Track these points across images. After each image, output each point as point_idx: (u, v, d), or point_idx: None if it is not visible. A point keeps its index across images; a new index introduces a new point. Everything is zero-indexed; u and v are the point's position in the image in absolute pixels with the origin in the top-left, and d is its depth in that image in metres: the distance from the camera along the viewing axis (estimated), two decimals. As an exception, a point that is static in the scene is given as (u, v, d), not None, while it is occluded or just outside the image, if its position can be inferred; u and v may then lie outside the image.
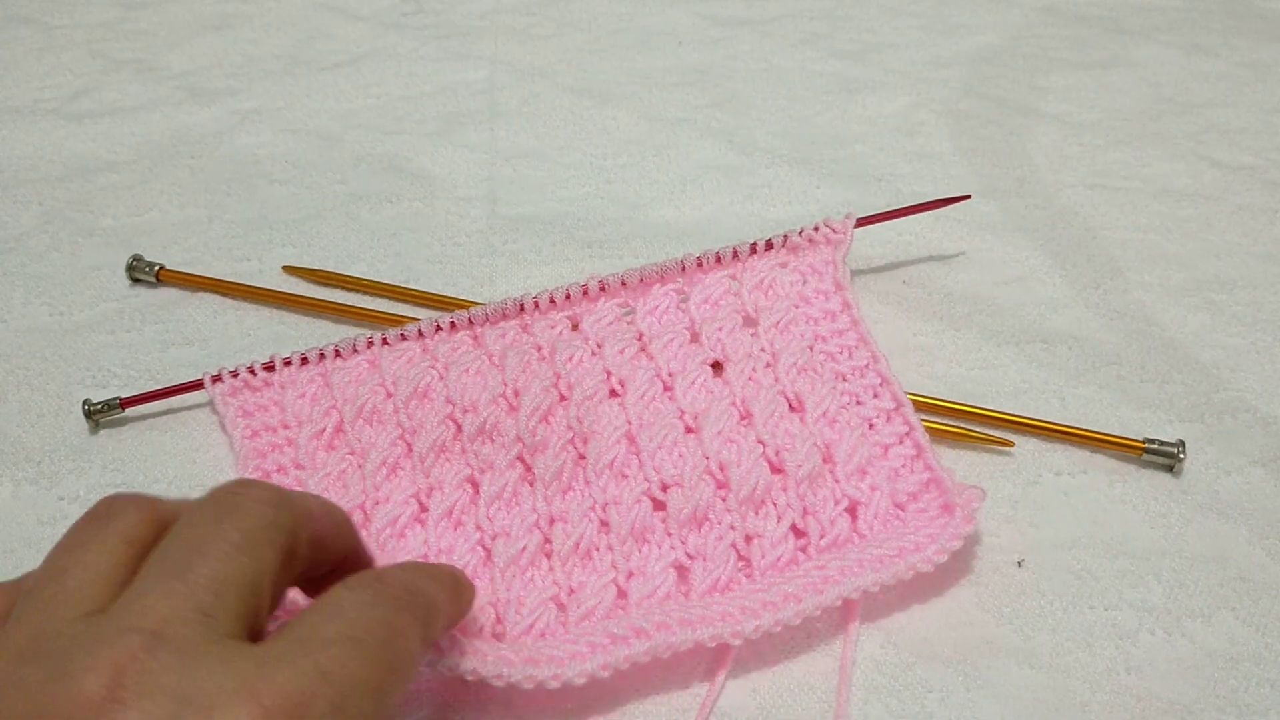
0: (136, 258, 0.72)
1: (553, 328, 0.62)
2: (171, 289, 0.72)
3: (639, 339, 0.62)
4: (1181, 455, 0.59)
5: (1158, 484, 0.59)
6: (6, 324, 0.70)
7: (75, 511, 0.58)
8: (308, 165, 0.83)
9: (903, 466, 0.56)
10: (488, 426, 0.58)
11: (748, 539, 0.54)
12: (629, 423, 0.58)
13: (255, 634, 0.37)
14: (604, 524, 0.54)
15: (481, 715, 0.50)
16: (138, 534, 0.38)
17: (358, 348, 0.62)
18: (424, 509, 0.56)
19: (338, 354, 0.62)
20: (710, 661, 0.51)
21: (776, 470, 0.56)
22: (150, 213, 0.79)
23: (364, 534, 0.55)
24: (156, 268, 0.72)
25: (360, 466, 0.58)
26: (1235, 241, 0.75)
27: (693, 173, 0.82)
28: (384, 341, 0.62)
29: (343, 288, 0.72)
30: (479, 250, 0.75)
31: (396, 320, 0.67)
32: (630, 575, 0.53)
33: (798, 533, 0.54)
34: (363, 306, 0.69)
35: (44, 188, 0.81)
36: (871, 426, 0.58)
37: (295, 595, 0.44)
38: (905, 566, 0.51)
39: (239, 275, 0.73)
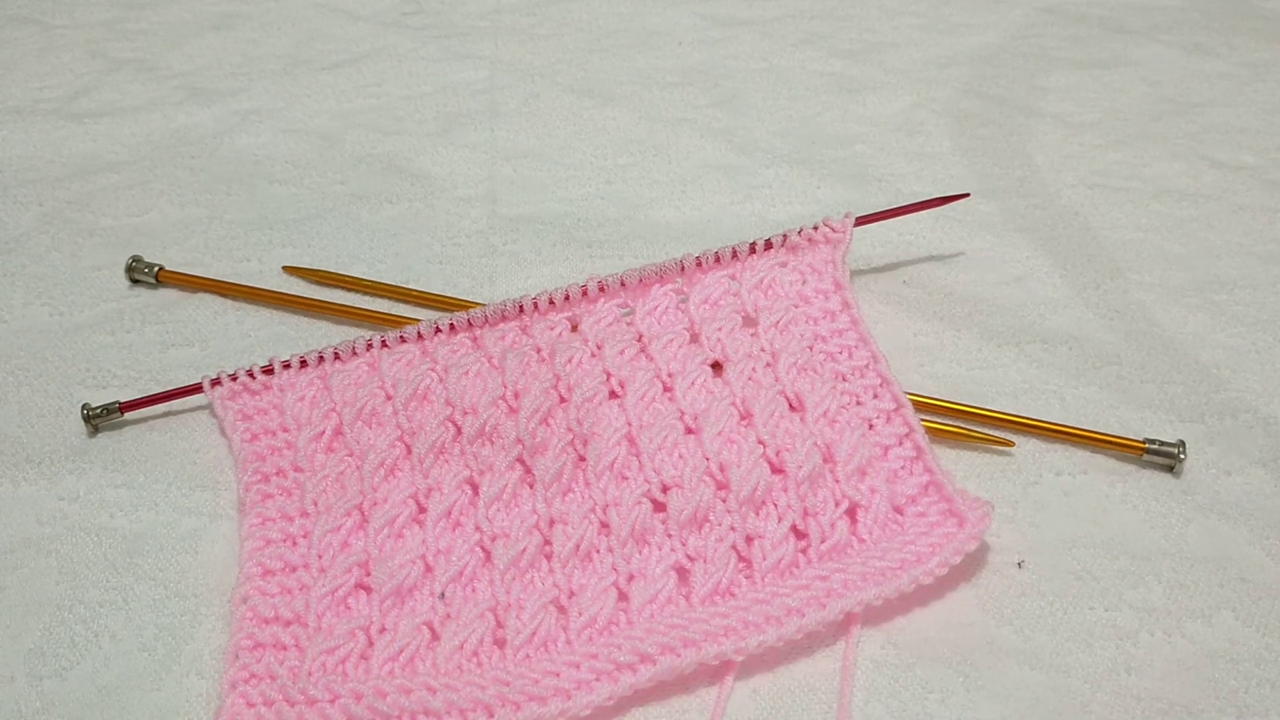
0: (136, 258, 0.72)
1: (552, 329, 0.62)
2: (171, 290, 0.72)
3: (638, 340, 0.62)
4: (1182, 455, 0.59)
5: (1158, 484, 0.59)
6: (6, 324, 0.70)
7: (75, 511, 0.58)
8: (308, 165, 0.83)
9: (902, 468, 0.56)
10: (487, 428, 0.58)
11: (748, 540, 0.54)
12: (629, 424, 0.58)
13: None
14: (604, 526, 0.54)
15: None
16: None
17: (357, 350, 0.62)
18: (422, 510, 0.56)
19: (337, 357, 0.62)
20: (713, 663, 0.51)
21: (777, 470, 0.56)
22: (150, 213, 0.79)
23: (362, 535, 0.55)
24: (156, 268, 0.72)
25: (359, 468, 0.58)
26: (1235, 241, 0.75)
27: (693, 173, 0.82)
28: (383, 344, 0.62)
29: (343, 288, 0.72)
30: (479, 250, 0.75)
31: (396, 321, 0.67)
32: (631, 578, 0.53)
33: (798, 534, 0.54)
34: (363, 307, 0.69)
35: (44, 188, 0.81)
36: (871, 427, 0.58)
37: None
38: (908, 580, 0.51)
39: (239, 275, 0.73)
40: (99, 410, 0.62)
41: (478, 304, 0.67)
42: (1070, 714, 0.49)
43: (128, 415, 0.63)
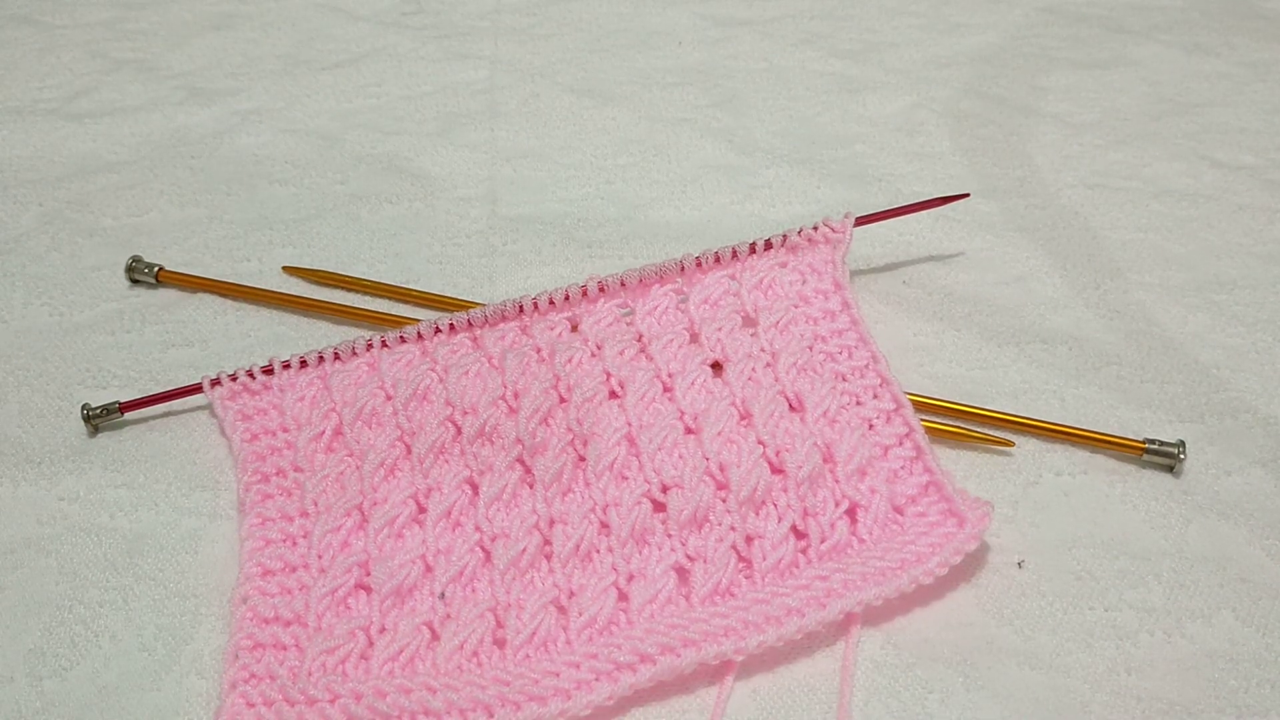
0: (136, 259, 0.72)
1: (552, 329, 0.62)
2: (171, 290, 0.72)
3: (638, 340, 0.62)
4: (1182, 455, 0.59)
5: (1158, 484, 0.59)
6: (6, 324, 0.70)
7: (75, 511, 0.58)
8: (308, 165, 0.83)
9: (902, 468, 0.56)
10: (487, 428, 0.58)
11: (748, 540, 0.54)
12: (629, 424, 0.58)
13: None
14: (604, 526, 0.54)
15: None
16: None
17: (357, 350, 0.62)
18: (422, 510, 0.56)
19: (337, 357, 0.62)
20: (713, 663, 0.51)
21: (777, 471, 0.56)
22: (150, 213, 0.79)
23: (362, 535, 0.55)
24: (156, 269, 0.72)
25: (359, 468, 0.58)
26: (1235, 241, 0.75)
27: (693, 173, 0.82)
28: (383, 344, 0.62)
29: (343, 288, 0.72)
30: (479, 250, 0.75)
31: (396, 321, 0.67)
32: (631, 578, 0.53)
33: (798, 534, 0.54)
34: (363, 307, 0.69)
35: (44, 188, 0.81)
36: (871, 427, 0.58)
37: None
38: (908, 580, 0.52)
39: (239, 275, 0.73)
40: (99, 410, 0.62)
41: (478, 304, 0.67)
42: (1070, 714, 0.49)
43: (128, 415, 0.63)
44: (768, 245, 0.65)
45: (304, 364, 0.62)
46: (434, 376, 0.60)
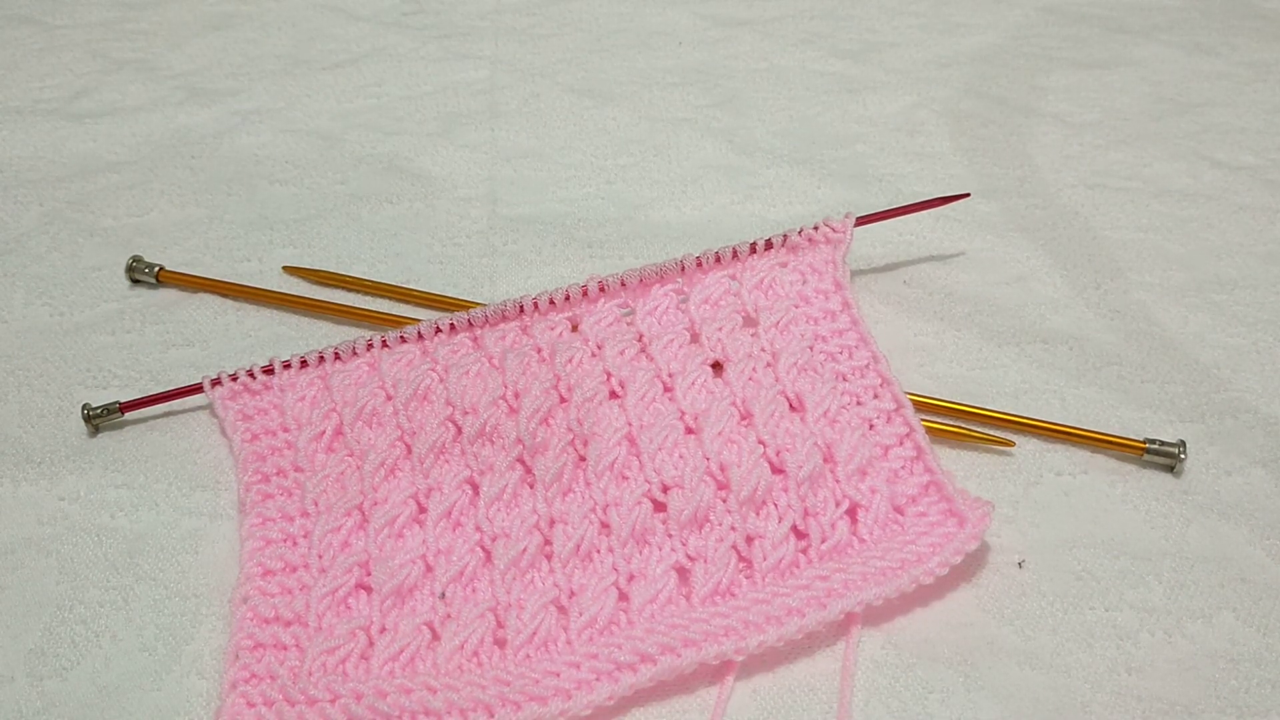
0: (136, 259, 0.72)
1: (552, 329, 0.62)
2: (171, 290, 0.72)
3: (639, 340, 0.62)
4: (1182, 455, 0.59)
5: (1158, 484, 0.59)
6: (6, 324, 0.70)
7: (75, 511, 0.58)
8: (308, 165, 0.83)
9: (902, 468, 0.56)
10: (488, 428, 0.58)
11: (749, 540, 0.54)
12: (629, 424, 0.58)
13: None
14: (604, 526, 0.54)
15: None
16: None
17: (357, 350, 0.62)
18: (422, 510, 0.56)
19: (337, 357, 0.62)
20: (714, 663, 0.51)
21: (777, 471, 0.56)
22: (150, 213, 0.79)
23: (362, 535, 0.55)
24: (156, 268, 0.72)
25: (359, 468, 0.58)
26: (1236, 241, 0.75)
27: (693, 173, 0.82)
28: (383, 344, 0.62)
29: (343, 288, 0.72)
30: (479, 250, 0.75)
31: (397, 321, 0.67)
32: (631, 578, 0.53)
33: (799, 534, 0.54)
34: (363, 307, 0.69)
35: (44, 188, 0.81)
36: (872, 427, 0.58)
37: None
38: (908, 580, 0.52)
39: (239, 275, 0.73)
40: (99, 410, 0.62)
41: (478, 304, 0.67)
42: (1070, 714, 0.49)
43: (128, 415, 0.63)
44: (768, 245, 0.65)
45: (304, 364, 0.62)
46: (434, 376, 0.60)
